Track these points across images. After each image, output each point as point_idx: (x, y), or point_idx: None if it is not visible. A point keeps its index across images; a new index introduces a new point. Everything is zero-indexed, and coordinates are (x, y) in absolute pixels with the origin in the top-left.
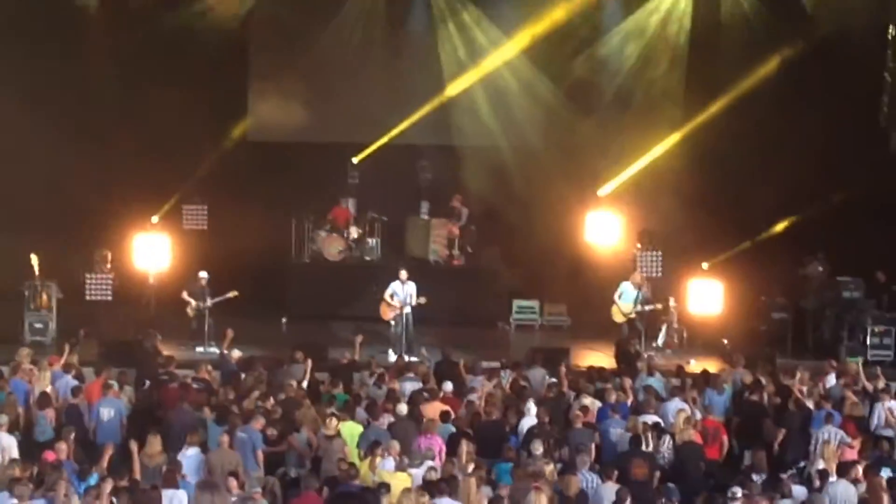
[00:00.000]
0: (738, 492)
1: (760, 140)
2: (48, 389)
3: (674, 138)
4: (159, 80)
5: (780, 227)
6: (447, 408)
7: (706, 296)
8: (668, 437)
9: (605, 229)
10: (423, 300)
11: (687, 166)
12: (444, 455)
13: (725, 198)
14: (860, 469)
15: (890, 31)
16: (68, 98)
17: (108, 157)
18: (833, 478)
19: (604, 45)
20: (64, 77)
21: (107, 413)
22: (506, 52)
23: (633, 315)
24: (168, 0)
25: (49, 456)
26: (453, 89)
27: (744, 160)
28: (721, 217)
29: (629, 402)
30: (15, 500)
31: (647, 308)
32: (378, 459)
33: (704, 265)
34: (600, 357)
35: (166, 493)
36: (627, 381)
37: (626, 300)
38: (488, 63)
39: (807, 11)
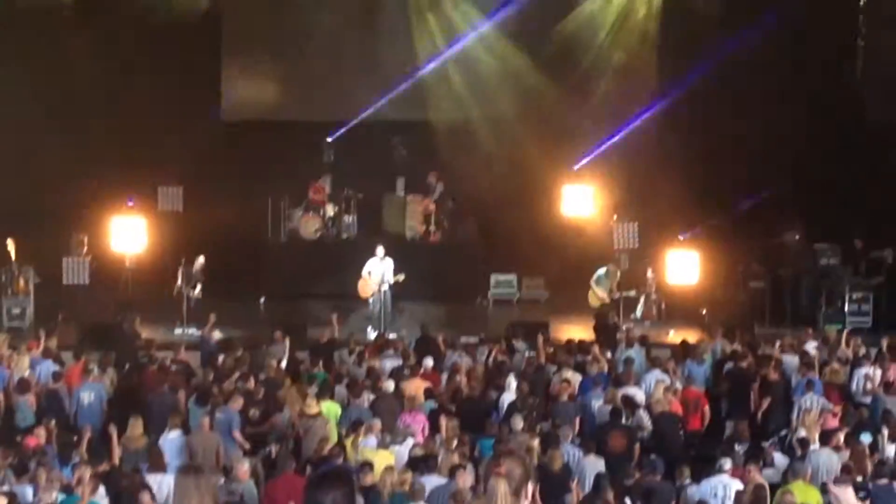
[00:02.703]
0: (727, 463)
1: (735, 109)
2: (27, 374)
3: (648, 109)
4: (131, 61)
5: (756, 195)
6: (429, 384)
7: (683, 266)
8: (640, 411)
9: (580, 202)
10: (400, 277)
11: (662, 137)
12: (426, 432)
13: (701, 167)
14: (841, 436)
15: None
16: (41, 84)
17: (82, 140)
18: (815, 445)
19: (575, 18)
20: (36, 63)
21: (87, 397)
22: (479, 25)
23: (607, 301)
24: None
25: (30, 441)
26: (427, 64)
27: (719, 129)
28: (697, 187)
29: (609, 374)
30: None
31: (622, 294)
32: (360, 438)
33: (681, 236)
34: (579, 330)
35: (154, 478)
36: (607, 353)
37: (602, 285)
38: (462, 37)
39: None
